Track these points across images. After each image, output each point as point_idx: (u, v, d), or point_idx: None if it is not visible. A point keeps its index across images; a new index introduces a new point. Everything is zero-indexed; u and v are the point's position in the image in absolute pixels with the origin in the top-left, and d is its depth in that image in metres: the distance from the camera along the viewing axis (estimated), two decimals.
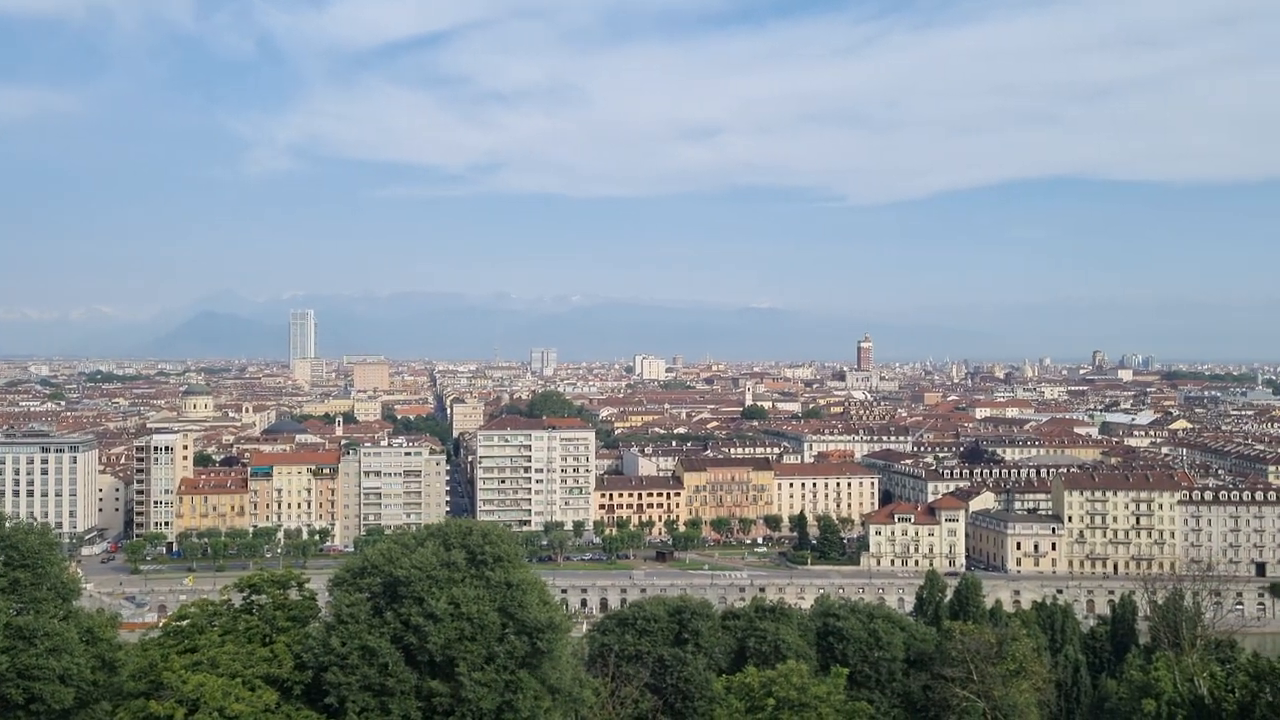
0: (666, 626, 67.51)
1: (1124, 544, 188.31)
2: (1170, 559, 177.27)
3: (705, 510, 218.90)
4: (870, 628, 70.33)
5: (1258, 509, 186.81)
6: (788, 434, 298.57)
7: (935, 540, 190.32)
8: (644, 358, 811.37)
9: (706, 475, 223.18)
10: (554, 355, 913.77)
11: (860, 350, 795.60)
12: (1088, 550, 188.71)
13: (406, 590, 47.58)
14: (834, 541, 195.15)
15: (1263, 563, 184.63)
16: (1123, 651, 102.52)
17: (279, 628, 50.75)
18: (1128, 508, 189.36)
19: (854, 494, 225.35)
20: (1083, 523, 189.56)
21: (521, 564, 53.30)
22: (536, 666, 47.83)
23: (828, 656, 68.43)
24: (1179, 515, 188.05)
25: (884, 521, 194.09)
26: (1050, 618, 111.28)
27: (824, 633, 72.06)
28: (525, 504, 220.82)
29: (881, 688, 67.23)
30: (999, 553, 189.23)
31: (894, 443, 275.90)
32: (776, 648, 65.71)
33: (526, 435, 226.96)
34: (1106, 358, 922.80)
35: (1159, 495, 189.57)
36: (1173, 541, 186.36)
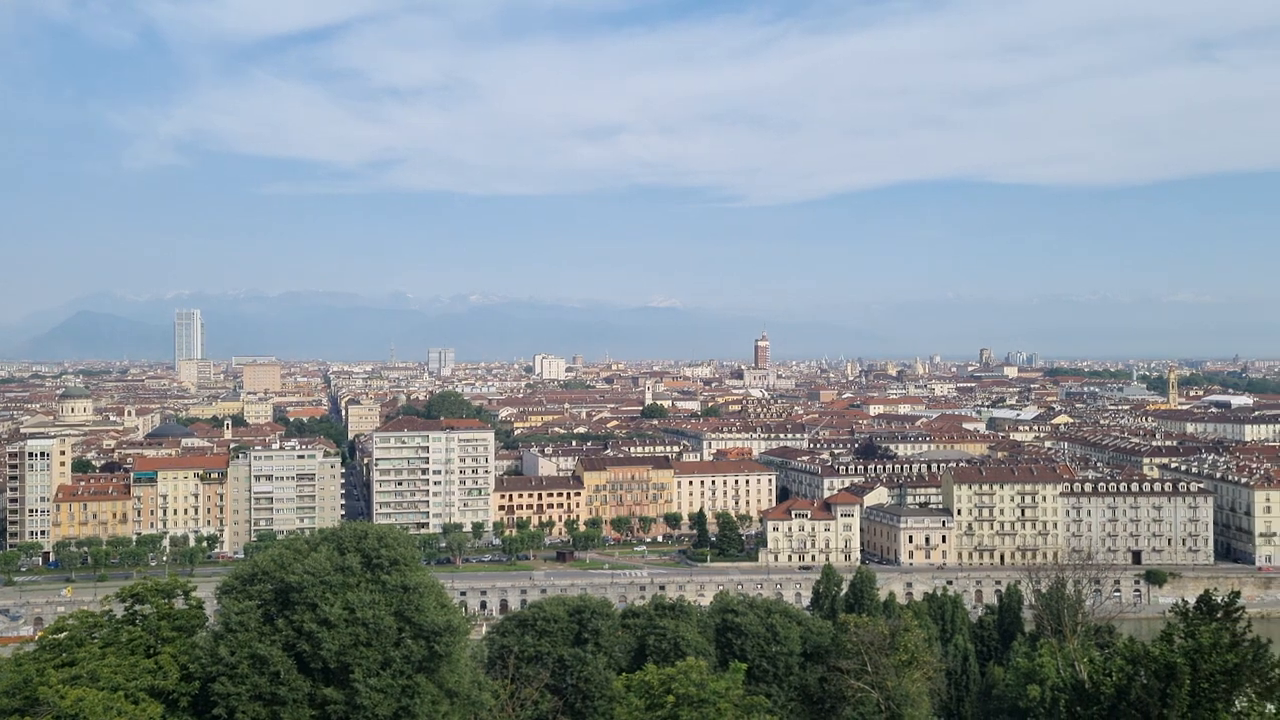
0: (566, 627, 67.37)
1: (1010, 535, 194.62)
2: (1053, 549, 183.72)
3: (606, 510, 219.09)
4: (768, 623, 71.37)
5: (1133, 499, 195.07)
6: (687, 432, 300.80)
7: (831, 535, 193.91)
8: (544, 357, 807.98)
9: (607, 474, 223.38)
10: (452, 355, 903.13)
11: (758, 349, 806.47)
12: (976, 542, 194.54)
13: (299, 596, 46.47)
14: (733, 538, 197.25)
15: (1138, 551, 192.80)
16: (1009, 639, 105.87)
17: (164, 638, 49.06)
18: (1013, 500, 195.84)
19: (752, 491, 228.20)
20: (971, 515, 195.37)
21: (419, 567, 52.57)
22: (434, 670, 47.21)
23: (727, 652, 69.16)
24: (1061, 507, 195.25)
25: (781, 518, 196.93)
26: (941, 608, 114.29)
27: (723, 629, 72.83)
28: (423, 506, 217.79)
29: (779, 681, 68.23)
30: (892, 546, 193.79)
31: (791, 440, 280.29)
32: (676, 645, 66.11)
33: (424, 436, 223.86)
34: (993, 355, 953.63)
35: (1042, 488, 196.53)
36: (1055, 532, 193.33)
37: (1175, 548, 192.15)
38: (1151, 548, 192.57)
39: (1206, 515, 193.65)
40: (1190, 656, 30.10)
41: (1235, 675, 30.66)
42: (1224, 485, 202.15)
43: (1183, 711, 29.42)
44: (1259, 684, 31.95)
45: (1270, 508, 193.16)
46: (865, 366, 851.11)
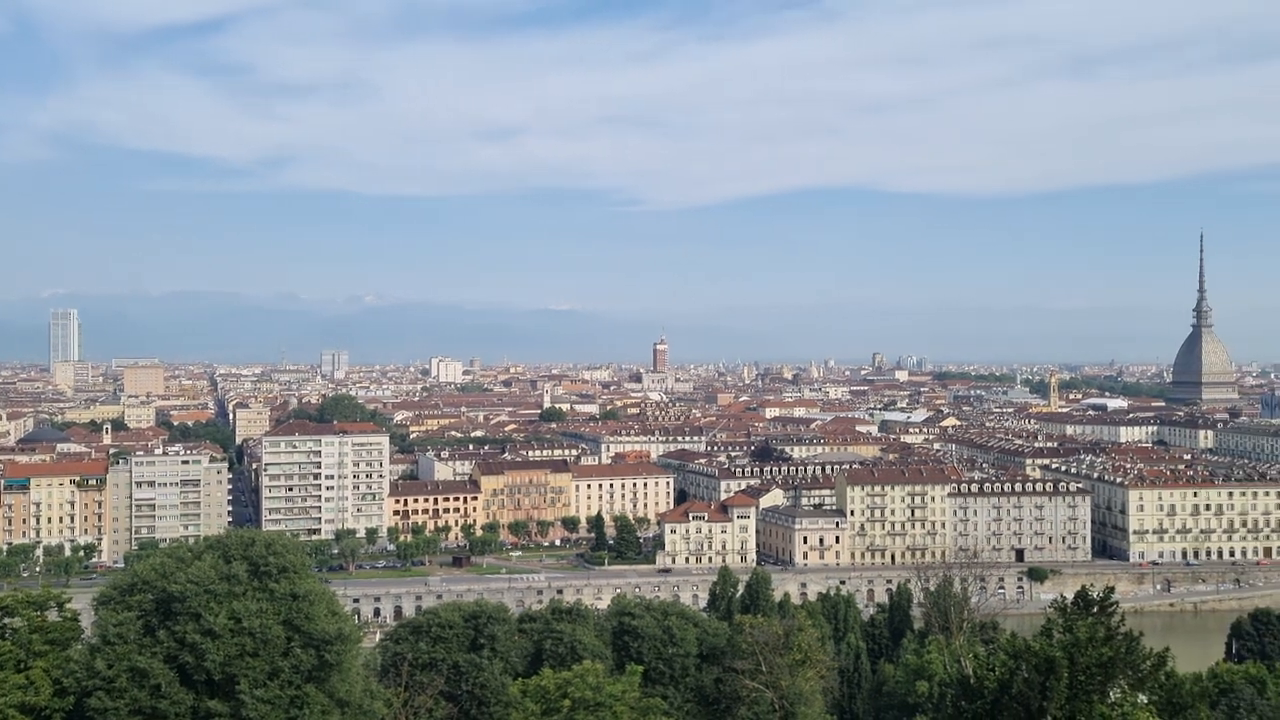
0: (462, 632, 66.61)
1: (901, 535, 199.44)
2: (941, 548, 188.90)
3: (503, 514, 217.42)
4: (665, 625, 71.69)
5: (1017, 499, 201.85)
6: (585, 436, 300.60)
7: (728, 537, 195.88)
8: (440, 360, 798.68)
9: (504, 478, 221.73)
10: (345, 358, 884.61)
11: (656, 352, 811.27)
12: (868, 542, 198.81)
13: (182, 606, 44.98)
14: (631, 541, 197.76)
15: (1022, 549, 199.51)
16: (899, 637, 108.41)
17: (35, 652, 46.94)
18: (904, 501, 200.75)
19: (650, 494, 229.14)
20: (864, 516, 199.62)
21: (309, 574, 51.38)
22: (324, 680, 46.19)
23: (624, 655, 69.22)
24: (949, 507, 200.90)
25: (679, 520, 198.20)
26: (834, 608, 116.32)
27: (620, 632, 72.90)
28: (315, 512, 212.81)
29: (675, 683, 68.58)
30: (788, 547, 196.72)
31: (689, 443, 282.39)
32: (573, 649, 65.95)
33: (316, 441, 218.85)
34: (885, 359, 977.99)
35: (931, 488, 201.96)
36: (943, 532, 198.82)
37: (1056, 545, 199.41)
38: (1033, 545, 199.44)
39: (1084, 514, 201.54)
40: (1068, 650, 31.24)
41: (1110, 667, 31.93)
42: (1100, 485, 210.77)
43: (1061, 703, 30.50)
44: (1131, 675, 33.40)
45: (1143, 506, 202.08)
46: (762, 370, 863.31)
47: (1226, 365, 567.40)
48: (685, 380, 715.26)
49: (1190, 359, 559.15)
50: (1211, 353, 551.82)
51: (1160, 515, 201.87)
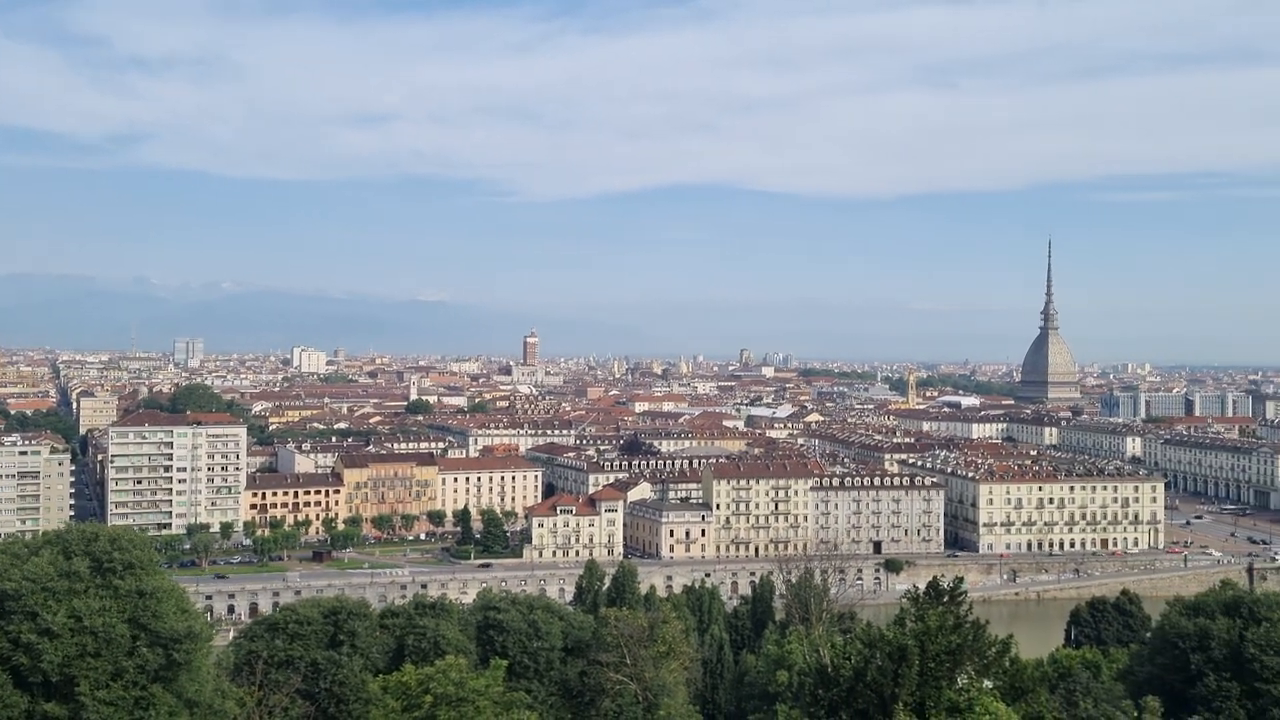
0: (321, 629, 64.89)
1: (764, 528, 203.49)
2: (804, 540, 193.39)
3: (367, 507, 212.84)
4: (530, 619, 71.32)
5: (876, 493, 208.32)
6: (453, 428, 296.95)
7: (596, 530, 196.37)
8: (303, 350, 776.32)
9: (368, 471, 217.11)
10: (201, 346, 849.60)
11: (527, 345, 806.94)
12: (733, 535, 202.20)
13: (17, 605, 42.51)
14: (498, 535, 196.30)
15: (879, 541, 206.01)
16: (761, 628, 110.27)
17: None
18: (768, 494, 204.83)
19: (518, 487, 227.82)
20: (729, 509, 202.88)
21: (157, 571, 49.27)
22: (172, 680, 44.37)
23: (488, 649, 68.57)
24: (811, 500, 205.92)
25: (547, 514, 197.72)
26: (699, 600, 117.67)
27: (485, 626, 72.19)
28: (166, 506, 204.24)
29: (540, 677, 68.30)
30: (654, 540, 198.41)
31: (558, 436, 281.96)
32: (436, 644, 64.94)
33: (168, 432, 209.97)
34: (752, 355, 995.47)
35: (795, 482, 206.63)
36: (806, 525, 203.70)
37: (911, 537, 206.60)
38: (890, 538, 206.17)
39: (938, 507, 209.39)
40: (919, 638, 32.32)
41: (958, 654, 33.17)
42: (953, 479, 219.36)
43: (912, 689, 31.52)
44: (978, 662, 34.84)
45: (992, 500, 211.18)
46: (632, 365, 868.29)
47: (1070, 366, 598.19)
48: (556, 374, 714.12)
49: (1038, 359, 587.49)
50: (1057, 354, 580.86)
51: (1008, 509, 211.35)
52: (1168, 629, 70.64)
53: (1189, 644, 65.56)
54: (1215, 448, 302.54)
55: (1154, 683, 64.30)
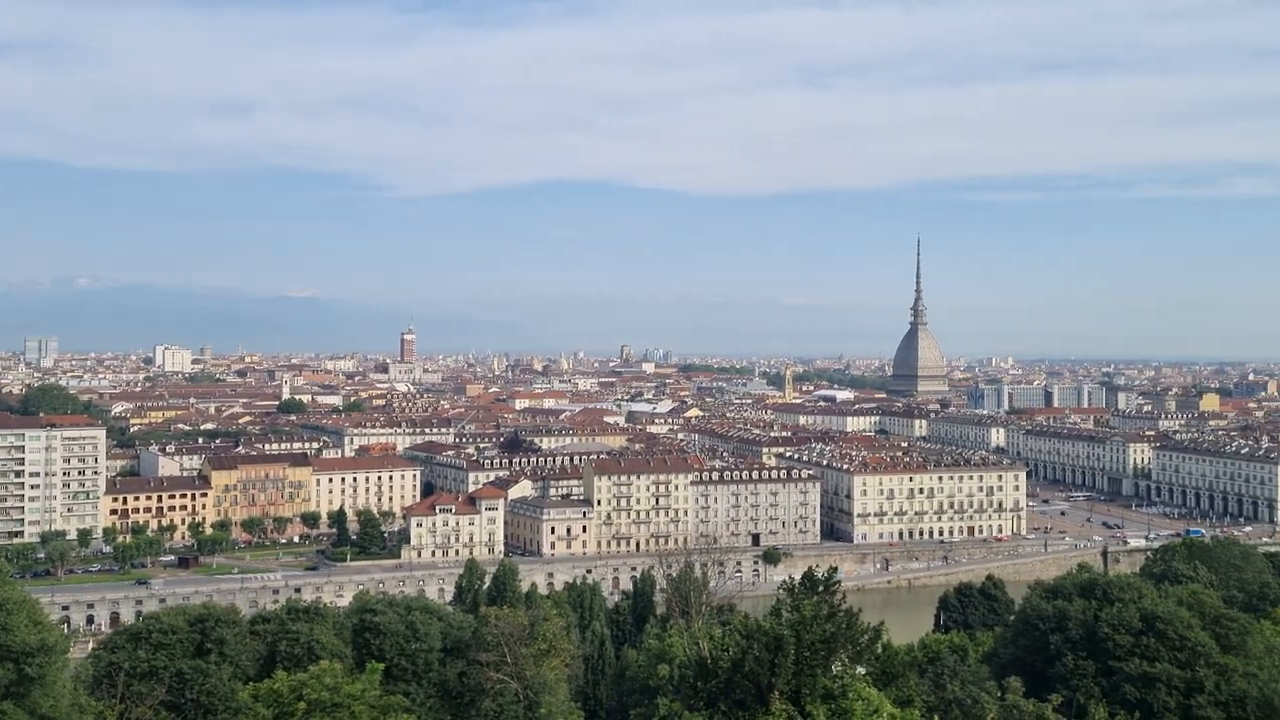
0: (187, 637, 62.61)
1: (646, 523, 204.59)
2: (684, 534, 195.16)
3: (236, 511, 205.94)
4: (408, 620, 70.12)
5: (754, 486, 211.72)
6: (328, 428, 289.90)
7: (476, 529, 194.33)
8: (166, 348, 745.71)
9: (238, 473, 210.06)
10: (55, 345, 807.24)
11: (404, 342, 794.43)
12: (614, 531, 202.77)
13: None
14: (375, 536, 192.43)
15: (758, 533, 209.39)
16: (643, 623, 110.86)
17: None
18: (649, 490, 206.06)
19: (396, 487, 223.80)
20: (610, 505, 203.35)
21: (7, 581, 46.76)
22: (24, 695, 42.12)
23: (365, 653, 67.08)
24: (691, 495, 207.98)
25: (425, 513, 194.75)
26: (580, 596, 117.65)
27: (361, 629, 70.66)
28: (17, 513, 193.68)
29: (419, 679, 67.21)
30: (536, 538, 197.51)
31: (437, 434, 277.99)
32: (310, 649, 63.23)
33: (19, 435, 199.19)
34: (633, 351, 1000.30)
35: (675, 477, 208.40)
36: (686, 519, 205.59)
37: (789, 529, 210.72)
38: (769, 530, 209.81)
39: (815, 499, 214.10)
40: (795, 628, 32.87)
41: (832, 643, 33.87)
42: (829, 471, 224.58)
43: (788, 678, 32.03)
44: (851, 649, 35.69)
45: (866, 491, 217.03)
46: (512, 361, 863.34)
47: (939, 360, 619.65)
48: (434, 371, 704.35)
49: (908, 354, 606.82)
50: (926, 348, 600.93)
51: (881, 499, 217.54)
52: (1029, 612, 73.66)
53: (1048, 625, 68.49)
54: (1072, 437, 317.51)
55: (1017, 663, 66.94)
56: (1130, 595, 68.68)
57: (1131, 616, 65.25)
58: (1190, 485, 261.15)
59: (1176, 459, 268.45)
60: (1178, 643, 63.36)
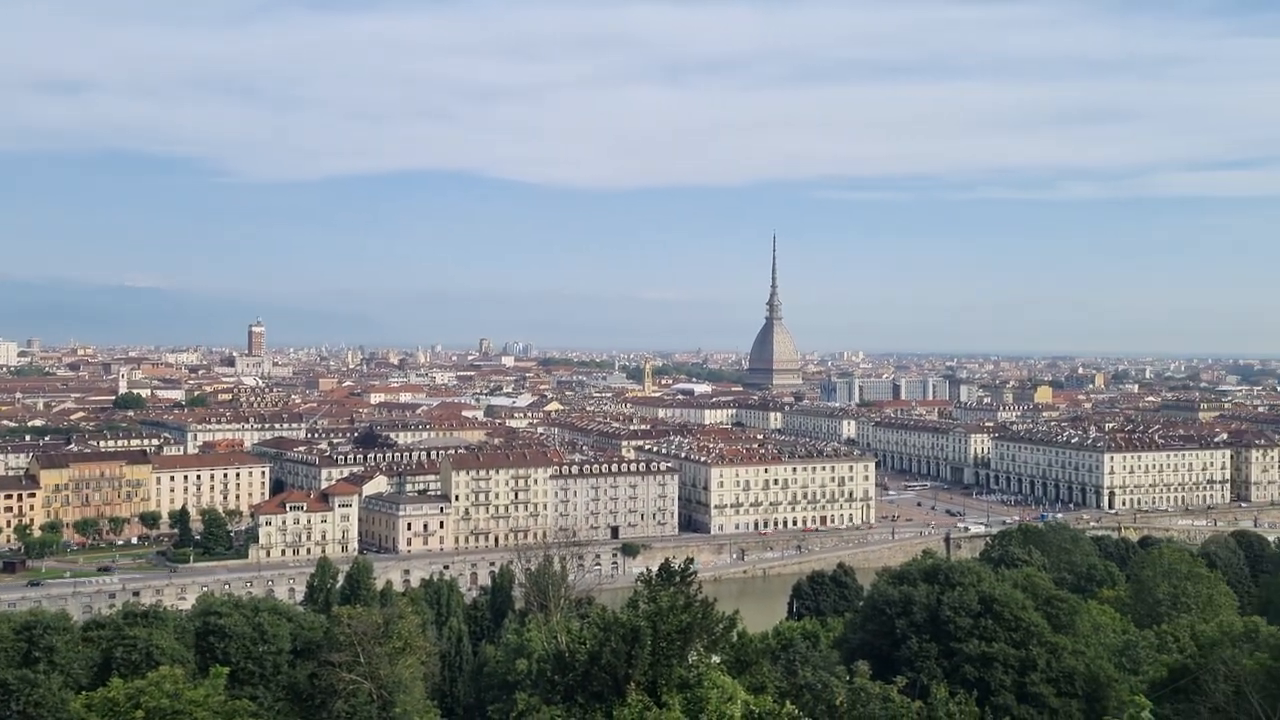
0: (12, 646, 59.15)
1: (505, 518, 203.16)
2: (543, 528, 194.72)
3: (68, 512, 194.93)
4: (255, 622, 67.78)
5: (613, 479, 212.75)
6: (169, 424, 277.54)
7: (328, 527, 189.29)
8: None
9: (69, 472, 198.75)
10: None
11: (252, 335, 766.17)
12: (473, 526, 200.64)
13: None
14: (220, 536, 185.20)
15: (616, 526, 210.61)
16: (501, 618, 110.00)
17: None
18: (508, 484, 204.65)
19: (243, 485, 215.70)
20: (469, 500, 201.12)
21: None
22: None
23: (209, 657, 64.56)
24: (551, 489, 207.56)
25: (274, 511, 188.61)
26: (437, 593, 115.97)
27: (204, 633, 67.98)
28: None
29: (266, 682, 65.05)
30: (391, 534, 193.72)
31: (287, 430, 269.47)
32: (149, 655, 60.48)
33: None
34: (492, 345, 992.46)
35: (534, 471, 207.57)
36: (545, 513, 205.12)
37: (647, 521, 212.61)
38: (628, 523, 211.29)
39: (673, 491, 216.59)
40: (651, 619, 33.11)
41: (688, 632, 34.25)
42: (687, 464, 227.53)
43: (645, 669, 32.23)
44: (707, 638, 36.17)
45: (722, 483, 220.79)
46: (367, 355, 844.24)
47: (793, 354, 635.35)
48: (284, 365, 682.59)
49: (764, 348, 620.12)
50: (781, 343, 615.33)
51: (737, 490, 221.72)
52: (876, 598, 76.15)
53: (895, 610, 70.96)
54: (918, 429, 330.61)
55: (865, 648, 69.12)
56: (970, 580, 71.72)
57: (971, 600, 68.18)
58: (1026, 473, 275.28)
59: (1013, 449, 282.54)
60: (1013, 623, 66.57)
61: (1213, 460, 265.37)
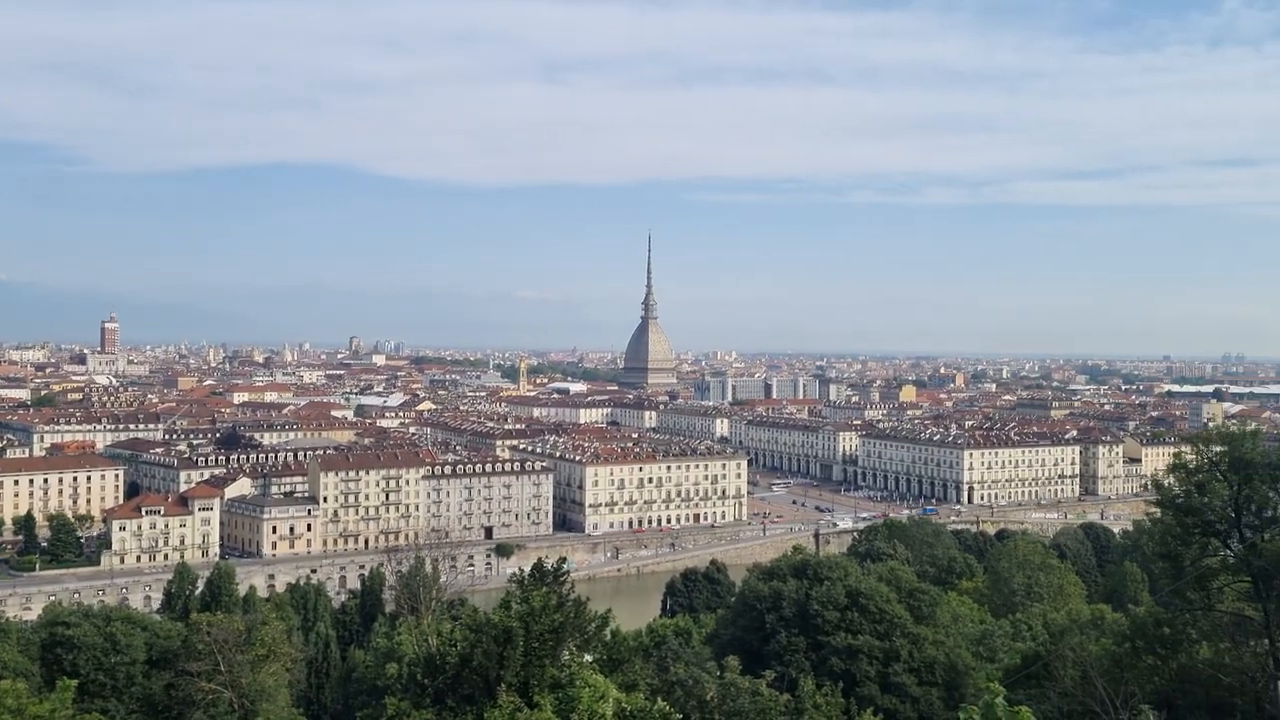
0: None
1: (375, 520, 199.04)
2: (415, 530, 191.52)
3: None
4: (107, 632, 64.87)
5: (487, 479, 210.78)
6: (13, 425, 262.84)
7: (188, 531, 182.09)
8: None
9: None
10: None
11: (105, 331, 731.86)
12: (342, 528, 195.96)
13: None
14: (69, 542, 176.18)
15: (490, 526, 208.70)
16: (371, 622, 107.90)
17: None
18: (379, 485, 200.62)
19: (95, 489, 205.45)
20: (338, 502, 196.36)
21: None
22: None
23: (56, 670, 61.45)
24: (423, 489, 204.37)
25: (129, 516, 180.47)
26: (304, 598, 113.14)
27: (50, 644, 64.74)
28: None
29: (119, 694, 62.34)
30: (255, 538, 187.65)
31: (144, 431, 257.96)
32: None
33: None
34: (363, 343, 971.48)
35: (406, 472, 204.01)
36: (417, 514, 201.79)
37: (522, 521, 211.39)
38: (502, 523, 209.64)
39: (548, 490, 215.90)
40: (524, 620, 32.82)
41: (560, 632, 34.09)
42: (562, 463, 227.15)
43: (517, 670, 31.96)
44: (579, 637, 36.05)
45: (597, 481, 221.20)
46: (230, 353, 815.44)
47: (668, 353, 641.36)
48: (140, 362, 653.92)
49: (639, 347, 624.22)
50: (656, 342, 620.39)
51: (612, 489, 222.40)
52: (747, 593, 77.41)
53: (765, 605, 72.24)
54: (789, 427, 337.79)
55: (736, 643, 70.17)
56: (838, 574, 73.54)
57: (838, 594, 69.92)
58: (891, 470, 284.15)
59: (879, 446, 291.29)
60: (878, 616, 68.57)
61: (1063, 456, 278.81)
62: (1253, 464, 40.26)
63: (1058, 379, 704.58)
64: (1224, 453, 41.58)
